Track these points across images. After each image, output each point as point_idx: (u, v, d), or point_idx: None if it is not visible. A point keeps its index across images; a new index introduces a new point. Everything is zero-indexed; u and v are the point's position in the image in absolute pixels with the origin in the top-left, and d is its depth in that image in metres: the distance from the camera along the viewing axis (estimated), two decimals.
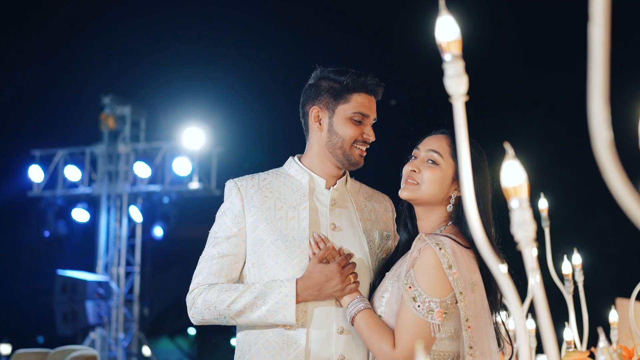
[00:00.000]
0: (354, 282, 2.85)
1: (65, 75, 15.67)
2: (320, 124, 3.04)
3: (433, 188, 2.81)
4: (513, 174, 1.40)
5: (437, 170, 2.82)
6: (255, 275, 2.94)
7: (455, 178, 2.81)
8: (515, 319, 1.47)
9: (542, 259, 4.01)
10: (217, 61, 15.20)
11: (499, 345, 2.76)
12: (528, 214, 1.38)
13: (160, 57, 15.96)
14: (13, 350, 15.16)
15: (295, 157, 3.13)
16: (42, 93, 15.87)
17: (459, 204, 2.80)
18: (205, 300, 2.89)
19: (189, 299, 2.96)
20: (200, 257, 3.02)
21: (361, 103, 2.99)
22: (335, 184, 3.06)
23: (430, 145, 2.87)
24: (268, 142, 14.04)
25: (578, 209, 13.33)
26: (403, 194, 2.87)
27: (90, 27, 15.42)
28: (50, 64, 15.64)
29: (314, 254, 2.89)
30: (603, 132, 1.12)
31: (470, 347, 2.60)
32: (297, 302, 2.81)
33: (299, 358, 2.83)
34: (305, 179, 3.04)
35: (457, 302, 2.60)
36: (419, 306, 2.59)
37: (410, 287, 2.62)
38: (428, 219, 2.87)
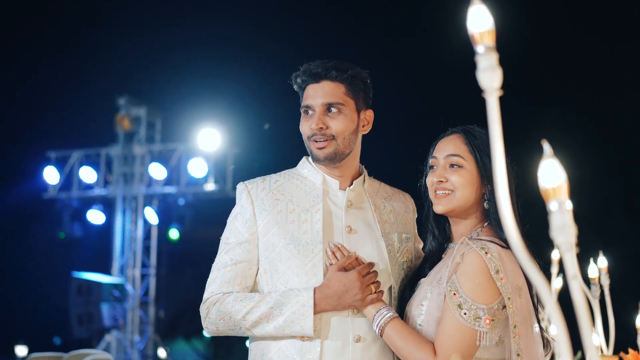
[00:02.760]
0: (376, 292, 2.73)
1: (81, 77, 15.75)
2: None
3: (467, 191, 2.69)
4: (552, 174, 1.31)
5: (463, 172, 2.71)
6: (267, 282, 2.83)
7: (480, 173, 2.70)
8: (555, 323, 1.37)
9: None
10: (233, 62, 15.22)
11: (545, 348, 2.66)
12: (569, 216, 1.29)
13: (175, 58, 16.00)
14: (29, 352, 15.19)
15: (309, 158, 3.00)
16: (58, 95, 15.95)
17: (492, 201, 2.68)
18: (219, 310, 2.79)
19: (202, 309, 2.85)
20: (213, 264, 2.92)
21: (306, 95, 2.90)
22: (352, 184, 2.94)
23: (447, 150, 2.75)
24: (283, 143, 14.02)
25: (594, 211, 13.24)
26: (438, 208, 2.74)
27: (105, 28, 15.48)
28: (66, 66, 15.70)
29: (331, 264, 2.76)
30: None
31: (518, 355, 2.49)
32: (315, 312, 2.69)
33: None
34: (319, 180, 2.93)
35: (504, 308, 2.49)
36: (465, 314, 2.48)
37: (454, 293, 2.50)
38: (464, 223, 2.75)
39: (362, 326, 2.76)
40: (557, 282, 4.52)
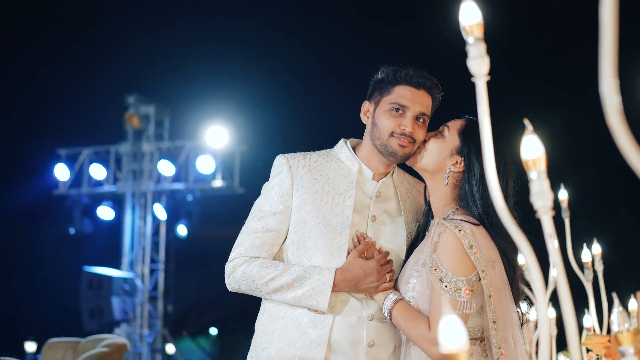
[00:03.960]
0: (389, 281, 2.94)
1: (90, 74, 15.79)
2: (367, 117, 3.10)
3: (429, 157, 2.97)
4: (532, 148, 1.49)
5: (438, 140, 2.97)
6: (293, 254, 3.02)
7: (456, 154, 2.93)
8: (534, 286, 1.55)
9: (562, 249, 4.07)
10: (241, 60, 15.27)
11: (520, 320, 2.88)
12: (546, 184, 1.47)
13: (184, 56, 16.04)
14: (38, 348, 15.32)
15: (348, 142, 3.17)
16: (67, 93, 15.99)
17: (460, 186, 2.92)
18: (245, 272, 2.98)
19: (228, 267, 3.04)
20: (244, 227, 3.09)
21: (402, 95, 3.00)
22: (385, 177, 3.12)
23: (448, 123, 3.02)
24: (291, 141, 14.10)
25: (598, 207, 13.31)
26: (411, 161, 3.04)
27: (114, 27, 15.53)
28: (75, 63, 15.76)
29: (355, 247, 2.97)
30: (613, 99, 1.21)
31: (494, 322, 2.71)
32: (333, 291, 2.90)
33: (322, 338, 2.92)
34: (355, 167, 3.09)
35: (480, 280, 2.71)
36: (446, 286, 2.69)
37: (435, 269, 2.72)
38: (435, 195, 2.99)
39: (375, 306, 2.98)
40: (553, 271, 4.68)
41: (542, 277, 1.53)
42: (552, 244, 1.50)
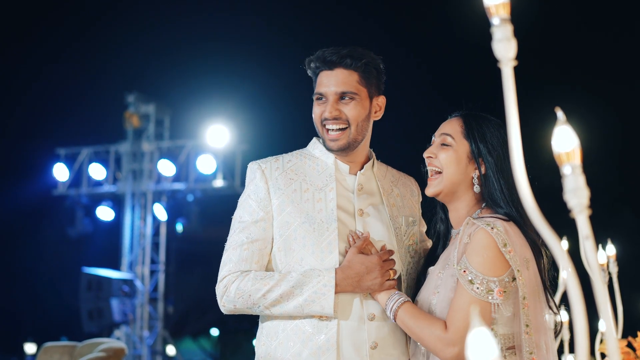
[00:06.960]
0: (393, 278, 2.79)
1: (90, 74, 15.79)
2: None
3: (452, 169, 2.78)
4: (565, 139, 1.36)
5: (450, 151, 2.80)
6: (282, 260, 2.85)
7: (472, 157, 2.78)
8: (570, 290, 1.41)
9: (575, 250, 3.95)
10: (242, 59, 15.26)
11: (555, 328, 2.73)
12: (581, 180, 1.34)
13: (184, 55, 16.03)
14: (38, 350, 15.21)
15: (320, 139, 3.02)
16: (67, 92, 15.98)
17: (485, 184, 2.76)
18: (238, 288, 2.79)
19: (219, 287, 2.85)
20: (227, 244, 2.92)
21: (319, 82, 2.91)
22: (362, 168, 2.97)
23: (443, 129, 2.85)
24: (292, 140, 13.97)
25: (603, 207, 13.24)
26: (429, 190, 2.84)
27: (114, 25, 15.52)
28: (75, 62, 15.75)
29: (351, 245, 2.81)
30: None
31: (527, 325, 2.56)
32: (336, 292, 2.73)
33: (329, 342, 2.75)
34: (331, 160, 2.96)
35: (514, 281, 2.56)
36: (477, 288, 2.54)
37: (464, 271, 2.57)
38: (457, 209, 2.83)
39: (375, 305, 2.81)
40: (563, 273, 4.56)
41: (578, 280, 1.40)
42: (589, 246, 1.36)
